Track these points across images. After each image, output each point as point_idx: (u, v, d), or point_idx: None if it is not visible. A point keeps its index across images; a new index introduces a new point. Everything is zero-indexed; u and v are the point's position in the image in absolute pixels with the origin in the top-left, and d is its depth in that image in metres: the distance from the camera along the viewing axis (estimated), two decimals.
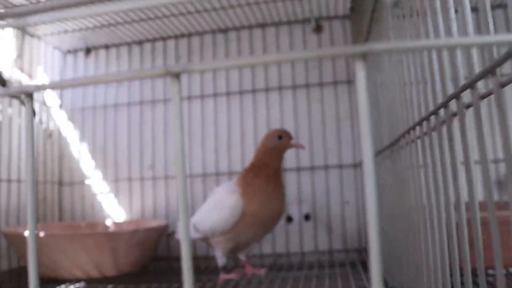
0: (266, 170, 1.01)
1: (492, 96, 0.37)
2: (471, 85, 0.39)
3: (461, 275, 0.43)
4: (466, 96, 0.42)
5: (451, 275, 0.47)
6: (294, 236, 1.37)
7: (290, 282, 0.93)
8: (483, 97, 0.39)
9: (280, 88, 1.42)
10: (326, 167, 1.37)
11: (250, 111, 1.43)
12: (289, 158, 1.35)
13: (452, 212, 0.46)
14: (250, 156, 1.37)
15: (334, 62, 1.41)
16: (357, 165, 1.35)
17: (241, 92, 1.44)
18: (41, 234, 1.04)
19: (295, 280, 0.95)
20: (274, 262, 1.24)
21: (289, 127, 1.38)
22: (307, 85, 1.41)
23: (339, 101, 1.39)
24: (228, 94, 1.45)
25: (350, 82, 1.39)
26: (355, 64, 0.24)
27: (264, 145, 1.03)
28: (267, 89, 1.43)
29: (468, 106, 0.42)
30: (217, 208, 1.01)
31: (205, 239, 1.07)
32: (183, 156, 0.29)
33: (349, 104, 1.38)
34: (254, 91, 1.43)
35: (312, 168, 1.37)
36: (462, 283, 0.43)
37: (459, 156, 0.45)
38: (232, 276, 1.00)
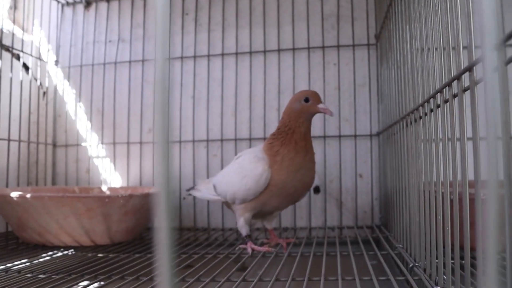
0: (293, 136, 0.90)
1: None
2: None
3: None
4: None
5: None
6: (302, 210, 1.27)
7: (298, 258, 0.83)
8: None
9: (294, 49, 1.31)
10: (339, 137, 1.27)
11: (260, 73, 1.32)
12: None
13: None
14: (258, 122, 1.28)
15: (353, 23, 1.29)
16: (373, 136, 1.25)
17: (252, 53, 1.33)
18: (28, 195, 0.95)
19: (303, 257, 0.86)
20: (279, 237, 1.15)
21: None
22: (323, 47, 1.29)
23: (357, 66, 1.28)
24: (237, 54, 1.33)
25: (370, 45, 1.27)
26: None
27: (290, 108, 0.92)
28: (279, 50, 1.31)
29: None
30: (241, 175, 0.92)
31: (226, 203, 1.01)
32: None
33: (368, 70, 1.27)
34: (265, 51, 1.32)
35: (324, 137, 1.27)
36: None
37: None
38: (262, 249, 0.91)
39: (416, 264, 0.69)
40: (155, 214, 0.26)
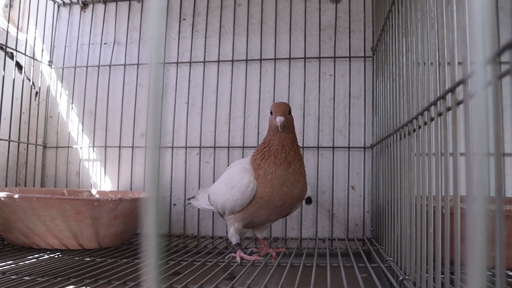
0: (271, 150, 0.89)
1: None
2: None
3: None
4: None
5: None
6: (293, 220, 1.26)
7: (287, 268, 0.82)
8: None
9: (290, 58, 1.30)
10: (333, 148, 1.26)
11: (255, 81, 1.31)
12: None
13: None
14: (252, 130, 1.28)
15: (350, 35, 1.29)
16: (367, 148, 1.25)
17: (248, 61, 1.32)
18: (15, 196, 0.94)
19: (293, 267, 0.85)
20: (270, 247, 1.14)
21: (297, 102, 1.28)
22: (319, 58, 1.29)
23: (352, 78, 1.28)
24: (233, 61, 1.33)
25: (366, 58, 1.27)
26: None
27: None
28: (275, 59, 1.31)
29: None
30: (229, 185, 0.92)
31: (219, 213, 1.01)
32: None
33: (363, 82, 1.27)
34: (261, 60, 1.32)
35: (318, 148, 1.27)
36: None
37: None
38: (251, 258, 0.90)
39: (406, 277, 0.68)
40: (143, 220, 0.26)
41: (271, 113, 0.89)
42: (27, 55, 1.34)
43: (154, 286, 0.25)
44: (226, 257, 0.93)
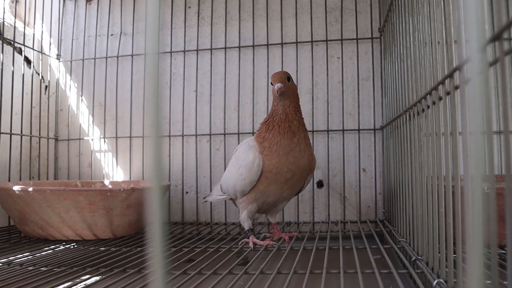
0: (274, 120, 0.90)
1: None
2: None
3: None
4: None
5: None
6: (305, 204, 1.27)
7: (300, 252, 0.83)
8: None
9: (297, 43, 1.29)
10: (343, 131, 1.26)
11: (263, 67, 1.31)
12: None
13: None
14: (261, 115, 1.28)
15: (357, 16, 1.28)
16: (377, 130, 1.24)
17: (254, 46, 1.32)
18: (30, 189, 0.95)
19: (306, 251, 0.85)
20: (282, 231, 1.15)
21: (305, 85, 1.27)
22: (326, 41, 1.28)
23: (360, 60, 1.26)
24: (240, 47, 1.33)
25: (373, 39, 1.26)
26: None
27: None
28: (282, 44, 1.30)
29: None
30: (237, 166, 0.93)
31: (233, 200, 1.01)
32: None
33: (371, 63, 1.26)
34: (268, 45, 1.31)
35: (327, 131, 1.26)
36: None
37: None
38: (264, 243, 0.91)
39: (419, 257, 0.68)
40: (148, 209, 0.26)
41: (271, 83, 0.90)
42: (35, 50, 1.34)
43: (161, 274, 0.25)
44: (239, 242, 0.94)
